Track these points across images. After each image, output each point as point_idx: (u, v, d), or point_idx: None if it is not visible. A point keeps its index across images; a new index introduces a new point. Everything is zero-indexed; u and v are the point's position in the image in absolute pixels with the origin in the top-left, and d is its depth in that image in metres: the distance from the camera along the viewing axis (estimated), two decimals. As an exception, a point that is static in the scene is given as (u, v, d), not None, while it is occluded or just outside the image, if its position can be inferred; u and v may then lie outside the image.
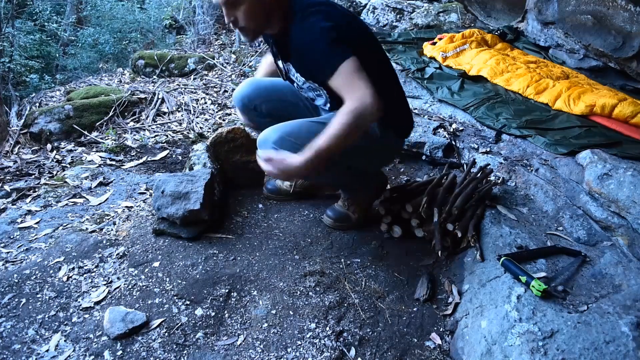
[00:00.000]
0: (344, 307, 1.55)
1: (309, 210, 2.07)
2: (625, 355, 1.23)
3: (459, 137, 2.53)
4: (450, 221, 1.78)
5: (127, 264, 1.64)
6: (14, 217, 1.94)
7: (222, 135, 2.13)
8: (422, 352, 1.45)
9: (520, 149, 2.37)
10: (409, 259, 1.83)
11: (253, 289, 1.59)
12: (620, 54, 3.03)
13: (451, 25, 4.82)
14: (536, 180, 2.12)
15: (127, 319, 1.39)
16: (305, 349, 1.39)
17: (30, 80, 7.95)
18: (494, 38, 3.72)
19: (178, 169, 2.54)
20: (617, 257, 1.65)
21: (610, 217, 1.82)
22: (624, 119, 2.52)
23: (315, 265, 1.71)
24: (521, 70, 3.11)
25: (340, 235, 1.91)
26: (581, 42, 3.29)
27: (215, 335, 1.41)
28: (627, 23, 2.93)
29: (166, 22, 7.97)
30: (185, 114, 3.49)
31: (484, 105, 2.72)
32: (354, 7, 7.13)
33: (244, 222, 1.94)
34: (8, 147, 2.90)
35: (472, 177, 2.01)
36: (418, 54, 3.42)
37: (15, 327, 1.37)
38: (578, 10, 3.25)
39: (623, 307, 1.37)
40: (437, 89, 2.93)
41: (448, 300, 1.63)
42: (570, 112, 2.65)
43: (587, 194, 1.96)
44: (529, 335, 1.31)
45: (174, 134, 3.13)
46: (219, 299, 1.53)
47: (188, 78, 4.50)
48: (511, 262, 1.54)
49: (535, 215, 1.96)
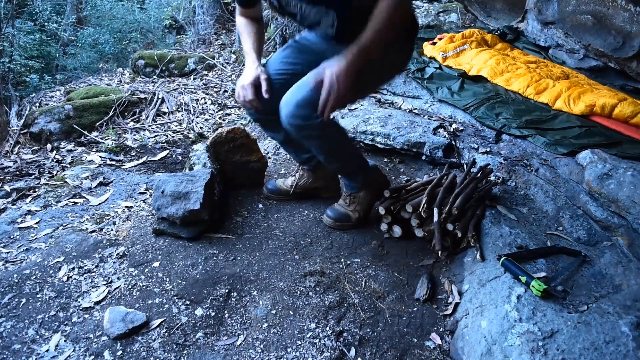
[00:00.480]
0: (344, 307, 1.55)
1: (309, 210, 2.07)
2: (625, 355, 1.23)
3: (459, 137, 2.53)
4: (450, 221, 1.78)
5: (127, 264, 1.64)
6: (14, 217, 1.94)
7: (222, 135, 2.13)
8: (422, 352, 1.45)
9: (520, 149, 2.37)
10: (409, 259, 1.83)
11: (253, 289, 1.59)
12: (620, 54, 3.03)
13: (451, 25, 4.82)
14: (536, 180, 2.12)
15: (127, 319, 1.39)
16: (305, 349, 1.39)
17: (30, 80, 7.95)
18: (494, 38, 3.72)
19: (178, 169, 2.54)
20: (617, 257, 1.65)
21: (610, 217, 1.82)
22: (624, 119, 2.53)
23: (315, 265, 1.72)
24: (521, 70, 3.11)
25: (340, 235, 1.91)
26: (581, 42, 3.29)
27: (215, 335, 1.41)
28: (627, 23, 2.93)
29: (166, 22, 7.97)
30: (185, 114, 3.49)
31: (484, 105, 2.72)
32: (354, 7, 7.12)
33: (244, 222, 1.94)
34: (8, 147, 2.91)
35: (472, 177, 2.01)
36: (418, 54, 3.42)
37: (15, 327, 1.37)
38: (578, 10, 3.25)
39: (623, 307, 1.37)
40: (437, 89, 2.92)
41: (448, 300, 1.63)
42: (570, 112, 2.65)
43: (587, 194, 1.96)
44: (529, 335, 1.31)
45: (174, 134, 3.13)
46: (219, 299, 1.53)
47: (188, 78, 4.50)
48: (511, 262, 1.54)
49: (535, 215, 1.96)
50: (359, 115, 2.70)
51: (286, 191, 2.11)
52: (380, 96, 3.06)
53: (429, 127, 2.58)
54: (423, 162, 2.50)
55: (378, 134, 2.55)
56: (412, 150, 2.49)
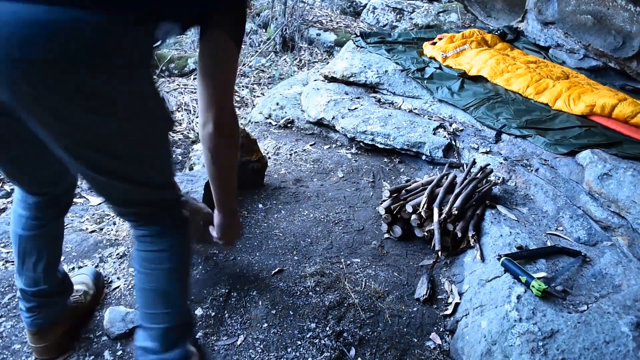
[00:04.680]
0: (344, 307, 1.55)
1: (309, 210, 2.07)
2: (625, 355, 1.23)
3: (459, 137, 2.53)
4: (450, 221, 1.78)
5: (127, 264, 1.64)
6: (14, 217, 1.94)
7: (222, 135, 2.13)
8: (422, 352, 1.45)
9: (520, 149, 2.37)
10: (409, 259, 1.83)
11: (253, 289, 1.59)
12: (620, 54, 3.03)
13: (451, 25, 4.82)
14: (536, 180, 2.12)
15: (127, 318, 1.38)
16: (305, 349, 1.38)
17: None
18: (494, 38, 3.72)
19: (178, 169, 2.54)
20: (617, 257, 1.65)
21: (610, 217, 1.82)
22: (624, 119, 2.53)
23: (315, 266, 1.71)
24: (521, 70, 3.11)
25: (340, 235, 1.91)
26: (581, 42, 3.29)
27: (215, 335, 1.41)
28: (627, 23, 2.94)
29: (166, 22, 7.95)
30: (185, 114, 3.49)
31: (484, 105, 2.72)
32: (354, 7, 7.13)
33: (244, 222, 1.94)
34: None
35: (472, 177, 2.01)
36: (418, 54, 3.42)
37: (15, 327, 1.37)
38: (578, 10, 3.26)
39: (623, 307, 1.37)
40: (437, 89, 2.92)
41: (448, 300, 1.63)
42: (570, 112, 2.65)
43: (587, 194, 1.96)
44: (529, 335, 1.31)
45: (174, 134, 3.13)
46: (219, 299, 1.52)
47: (188, 78, 4.50)
48: (511, 262, 1.54)
49: (535, 215, 1.96)
50: (359, 115, 2.70)
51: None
52: (380, 96, 3.06)
53: (429, 127, 2.58)
54: (423, 162, 2.50)
55: (378, 134, 2.55)
56: (412, 150, 2.49)
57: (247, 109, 3.84)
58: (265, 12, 6.04)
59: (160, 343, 1.08)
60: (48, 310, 1.22)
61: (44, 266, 1.17)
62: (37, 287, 1.18)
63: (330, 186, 2.31)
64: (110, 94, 0.80)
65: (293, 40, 5.49)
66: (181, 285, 1.11)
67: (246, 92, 4.17)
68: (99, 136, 0.85)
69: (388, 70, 3.10)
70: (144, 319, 1.10)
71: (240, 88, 4.26)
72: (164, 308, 1.08)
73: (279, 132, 2.91)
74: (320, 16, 6.49)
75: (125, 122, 0.86)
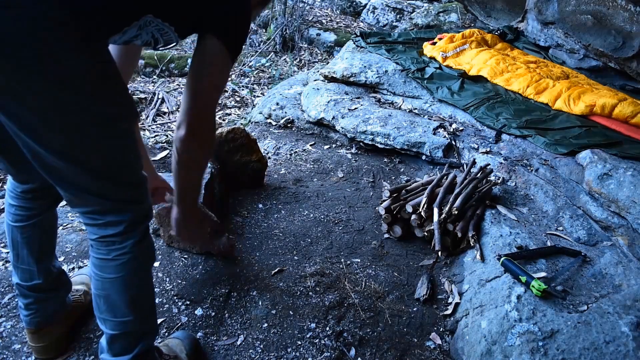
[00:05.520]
0: (344, 307, 1.55)
1: (309, 210, 2.07)
2: (625, 355, 1.23)
3: (459, 137, 2.53)
4: (450, 221, 1.78)
5: (127, 264, 1.63)
6: (14, 217, 1.93)
7: (222, 135, 2.13)
8: (422, 352, 1.45)
9: (520, 149, 2.37)
10: (409, 259, 1.83)
11: (253, 289, 1.59)
12: (620, 54, 3.03)
13: (451, 25, 4.82)
14: (536, 180, 2.12)
15: (127, 319, 1.38)
16: (305, 349, 1.39)
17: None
18: (494, 38, 3.72)
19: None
20: (617, 257, 1.65)
21: (610, 217, 1.83)
22: (624, 119, 2.53)
23: (315, 266, 1.71)
24: (521, 70, 3.11)
25: (340, 235, 1.91)
26: (581, 42, 3.29)
27: (215, 335, 1.41)
28: (627, 23, 2.94)
29: (166, 22, 7.96)
30: (185, 114, 3.49)
31: (484, 105, 2.72)
32: (354, 7, 7.13)
33: (244, 222, 1.94)
34: (8, 147, 2.90)
35: (472, 177, 2.01)
36: (418, 54, 3.42)
37: (15, 327, 1.37)
38: (578, 10, 3.26)
39: (623, 307, 1.37)
40: (437, 89, 2.92)
41: (448, 300, 1.63)
42: (570, 112, 2.65)
43: (587, 194, 1.96)
44: (529, 335, 1.31)
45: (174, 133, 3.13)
46: (219, 299, 1.52)
47: (188, 78, 4.50)
48: (511, 262, 1.54)
49: (535, 215, 1.96)
50: (359, 115, 2.70)
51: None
52: (380, 96, 3.06)
53: (429, 127, 2.58)
54: (423, 162, 2.50)
55: (378, 134, 2.55)
56: (412, 150, 2.49)
57: (247, 109, 3.84)
58: (265, 12, 6.04)
59: (109, 346, 1.08)
60: (45, 307, 1.21)
61: (35, 258, 1.17)
62: (32, 281, 1.17)
63: (330, 186, 2.31)
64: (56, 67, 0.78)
65: (293, 40, 5.49)
66: (129, 295, 1.05)
67: (246, 92, 4.17)
68: (39, 102, 0.81)
69: (388, 70, 3.10)
70: (98, 320, 1.09)
71: (240, 88, 4.26)
72: (111, 316, 1.06)
73: (279, 132, 2.91)
74: (320, 16, 6.50)
75: (63, 93, 0.81)
